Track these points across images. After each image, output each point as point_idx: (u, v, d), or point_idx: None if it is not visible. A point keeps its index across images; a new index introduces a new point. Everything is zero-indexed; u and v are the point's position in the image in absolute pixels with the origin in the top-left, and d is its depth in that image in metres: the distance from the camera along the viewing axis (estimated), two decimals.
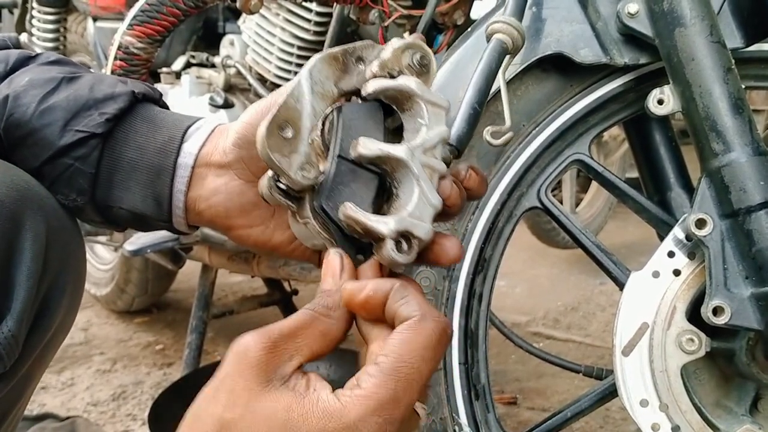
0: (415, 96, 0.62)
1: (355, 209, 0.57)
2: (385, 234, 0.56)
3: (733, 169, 0.72)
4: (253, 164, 0.66)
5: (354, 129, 0.61)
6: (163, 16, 0.93)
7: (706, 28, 0.74)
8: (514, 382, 1.94)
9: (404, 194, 0.60)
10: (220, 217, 0.69)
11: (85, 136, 0.67)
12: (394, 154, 0.59)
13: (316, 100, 0.60)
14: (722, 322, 0.72)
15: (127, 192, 0.68)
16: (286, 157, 0.58)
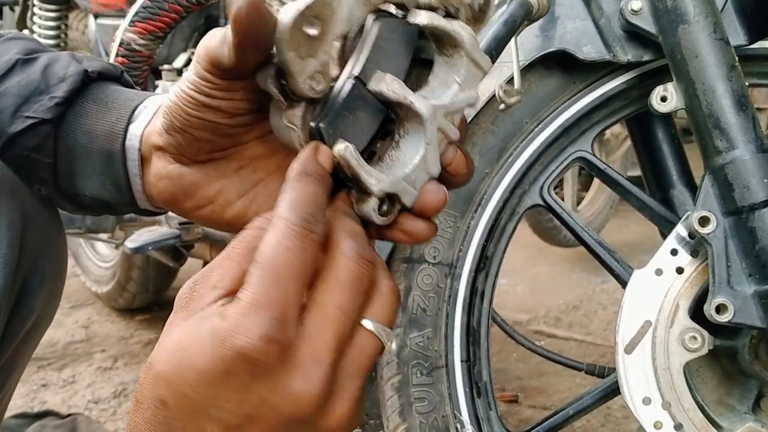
0: (463, 49, 0.55)
1: (352, 152, 0.51)
2: (374, 192, 0.52)
3: (736, 166, 0.72)
4: (187, 149, 0.60)
5: (383, 51, 0.53)
6: (165, 13, 0.93)
7: (709, 25, 0.74)
8: (516, 380, 1.94)
9: (407, 149, 0.54)
10: (169, 201, 0.65)
11: (35, 122, 0.64)
12: (416, 108, 0.52)
13: (356, 4, 0.52)
14: (725, 319, 0.72)
15: (87, 179, 0.65)
16: (301, 58, 0.50)
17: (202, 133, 0.58)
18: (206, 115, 0.57)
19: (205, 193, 0.62)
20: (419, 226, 0.55)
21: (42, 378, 1.97)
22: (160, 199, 0.64)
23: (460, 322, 0.86)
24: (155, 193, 0.64)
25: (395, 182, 0.52)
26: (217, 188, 0.62)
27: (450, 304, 0.86)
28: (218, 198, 0.63)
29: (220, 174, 0.62)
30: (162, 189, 0.63)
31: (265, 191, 0.63)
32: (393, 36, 0.54)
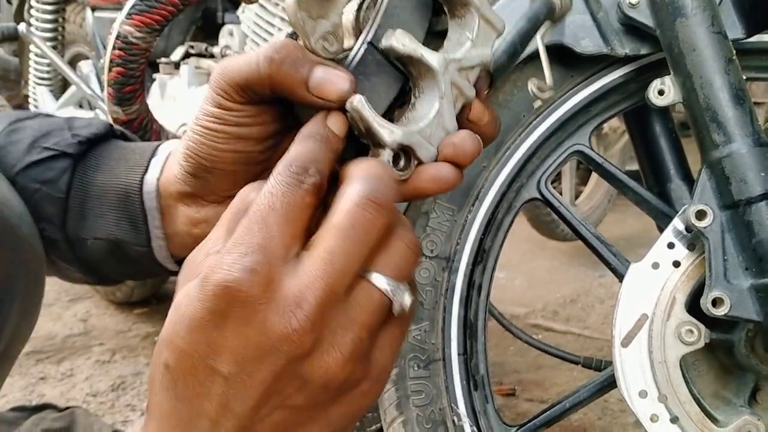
0: (472, 5, 0.55)
1: (364, 104, 0.50)
2: (387, 142, 0.51)
3: (733, 160, 0.72)
4: (219, 186, 0.59)
5: (395, 18, 0.54)
6: (162, 6, 0.92)
7: (707, 18, 0.74)
8: (513, 373, 1.94)
9: (422, 107, 0.54)
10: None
11: (55, 154, 0.62)
12: (427, 60, 0.52)
13: None
14: (722, 313, 0.72)
15: (99, 219, 0.63)
16: (313, 19, 0.50)
17: (233, 166, 0.56)
18: (237, 146, 0.55)
19: None
20: (444, 171, 0.53)
21: (40, 371, 1.97)
22: (195, 244, 0.60)
23: (457, 315, 0.86)
24: (190, 241, 0.61)
25: (409, 134, 0.52)
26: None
27: (447, 298, 0.86)
28: None
29: None
30: (199, 234, 0.60)
31: None
32: (405, 3, 0.54)
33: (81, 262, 0.66)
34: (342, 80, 0.50)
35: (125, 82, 0.95)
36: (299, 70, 0.50)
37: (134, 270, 0.67)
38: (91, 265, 0.66)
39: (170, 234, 0.63)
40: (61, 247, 0.65)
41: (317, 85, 0.50)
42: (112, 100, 0.97)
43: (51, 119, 0.65)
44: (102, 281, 0.69)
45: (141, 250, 0.63)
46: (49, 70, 2.19)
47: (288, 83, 0.51)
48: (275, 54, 0.50)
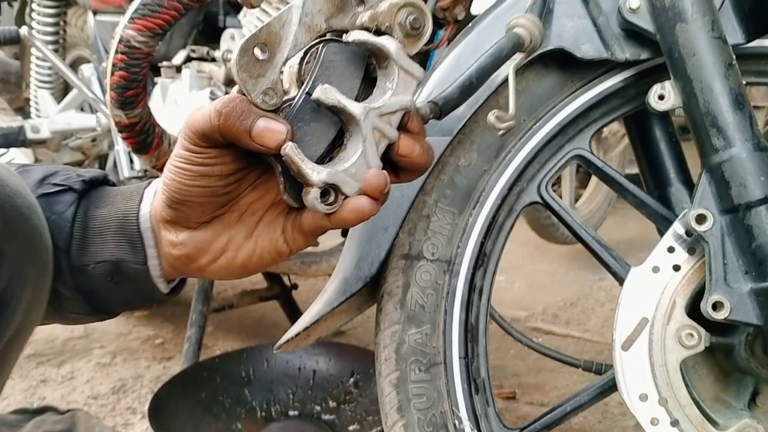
0: (391, 59, 0.63)
1: (294, 150, 0.60)
2: (314, 182, 0.61)
3: (733, 164, 0.73)
4: (192, 215, 0.68)
5: (332, 71, 0.63)
6: (164, 10, 0.93)
7: (707, 23, 0.74)
8: (513, 377, 1.94)
9: (350, 148, 0.63)
10: (186, 263, 0.71)
11: (63, 189, 0.70)
12: (349, 109, 0.61)
13: (301, 32, 0.60)
14: (722, 317, 0.73)
15: (101, 244, 0.70)
16: (253, 78, 0.59)
17: (201, 198, 0.66)
18: (203, 182, 0.65)
19: (218, 245, 0.70)
20: (362, 202, 0.64)
21: (41, 374, 1.97)
22: (177, 265, 0.71)
23: (458, 318, 0.86)
24: (171, 260, 0.70)
25: (333, 173, 0.61)
26: (226, 238, 0.70)
27: (448, 301, 0.86)
28: (229, 245, 0.70)
29: (226, 225, 0.70)
30: (178, 254, 0.70)
31: (266, 225, 0.70)
32: (340, 57, 0.63)
33: (81, 289, 0.71)
34: (279, 130, 0.61)
35: (128, 86, 0.96)
36: (243, 122, 0.60)
37: (130, 292, 0.73)
38: (90, 292, 0.72)
39: (160, 254, 0.71)
40: (64, 274, 0.70)
41: (258, 134, 0.60)
42: (114, 104, 0.97)
43: (52, 165, 0.74)
44: (98, 312, 0.74)
45: (139, 268, 0.70)
46: (50, 73, 2.19)
47: (234, 133, 0.61)
48: (223, 108, 0.60)
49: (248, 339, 2.17)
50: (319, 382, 1.73)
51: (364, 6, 0.63)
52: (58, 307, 0.73)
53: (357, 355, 1.77)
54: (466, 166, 0.87)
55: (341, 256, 0.88)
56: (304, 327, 0.87)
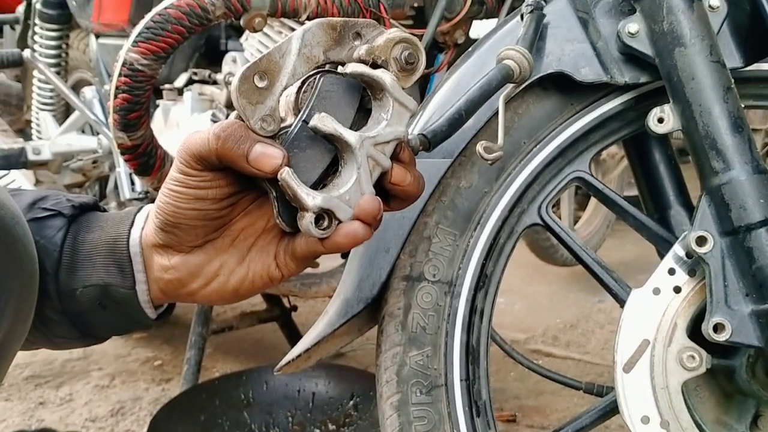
0: (386, 91, 0.65)
1: (291, 175, 0.62)
2: (309, 207, 0.62)
3: (733, 186, 0.73)
4: (185, 239, 0.68)
5: (329, 100, 0.65)
6: (168, 33, 0.94)
7: (705, 47, 0.75)
8: (513, 399, 1.93)
9: (344, 175, 0.65)
10: (177, 287, 0.71)
11: (52, 214, 0.70)
12: (345, 138, 0.63)
13: (299, 62, 0.63)
14: (723, 339, 0.73)
15: (90, 269, 0.70)
16: (252, 105, 0.61)
17: (194, 221, 0.67)
18: (197, 205, 0.66)
19: (210, 269, 0.70)
20: (355, 227, 0.65)
21: (39, 396, 1.96)
22: (168, 290, 0.71)
23: (459, 340, 0.86)
24: (162, 285, 0.71)
25: (328, 199, 0.63)
26: (218, 263, 0.71)
27: (449, 323, 0.86)
28: (222, 270, 0.71)
29: (218, 250, 0.70)
30: (170, 278, 0.70)
31: (259, 250, 0.71)
32: (336, 87, 0.65)
33: (68, 313, 0.71)
34: (275, 155, 0.62)
35: (131, 108, 0.96)
36: (241, 147, 0.62)
37: (118, 317, 0.73)
38: (77, 316, 0.72)
39: (150, 279, 0.71)
40: (52, 298, 0.70)
41: (254, 159, 0.62)
42: (117, 126, 0.98)
43: (43, 190, 0.76)
44: (85, 336, 0.74)
45: (127, 292, 0.71)
46: (52, 95, 2.20)
47: (231, 156, 0.62)
48: (222, 132, 0.62)
49: (247, 361, 2.17)
50: (319, 405, 1.72)
51: (360, 40, 0.66)
52: (45, 331, 0.73)
53: (357, 377, 1.76)
54: (467, 187, 0.87)
55: (342, 278, 0.88)
56: (305, 348, 0.87)
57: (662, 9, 0.77)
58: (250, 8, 0.98)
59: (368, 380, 1.68)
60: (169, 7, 0.94)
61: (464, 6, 1.19)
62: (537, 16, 0.84)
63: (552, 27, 0.84)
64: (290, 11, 1.03)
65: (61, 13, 2.10)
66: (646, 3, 0.78)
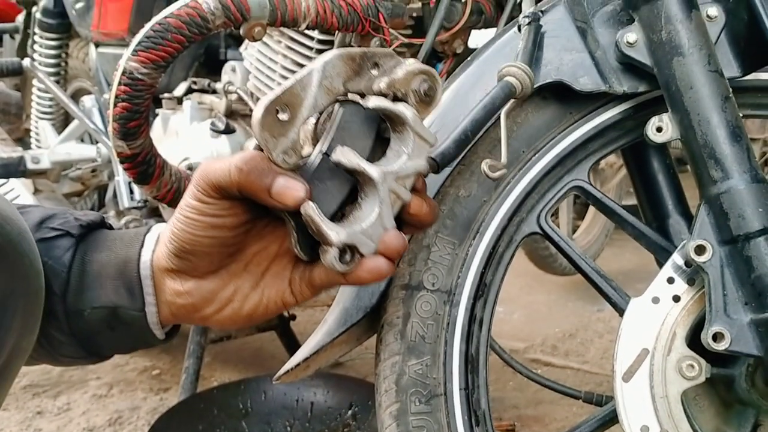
0: (408, 125, 0.65)
1: (315, 210, 0.62)
2: (333, 242, 0.62)
3: (731, 195, 0.73)
4: (199, 266, 0.68)
5: (347, 131, 0.65)
6: (168, 43, 0.94)
7: (703, 57, 0.76)
8: (512, 409, 1.93)
9: (365, 208, 0.65)
10: (190, 312, 0.71)
11: (60, 234, 0.70)
12: (368, 173, 0.64)
13: (320, 94, 0.63)
14: (722, 348, 0.73)
15: (99, 289, 0.70)
16: (275, 138, 0.61)
17: (210, 249, 0.66)
18: (213, 233, 0.65)
19: (224, 295, 0.70)
20: (379, 263, 0.66)
21: (37, 405, 1.95)
22: (180, 314, 0.71)
23: (458, 349, 0.86)
24: (174, 309, 0.70)
25: (352, 234, 0.63)
26: (232, 289, 0.70)
27: (449, 332, 0.86)
28: (236, 296, 0.71)
29: (232, 275, 0.70)
30: (183, 303, 0.70)
31: (273, 275, 0.71)
32: (356, 118, 0.66)
33: (76, 334, 0.71)
34: (298, 189, 0.62)
35: (130, 117, 0.96)
36: (263, 180, 0.62)
37: (126, 337, 0.73)
38: (85, 337, 0.71)
39: (160, 302, 0.70)
40: (59, 319, 0.70)
41: (277, 192, 0.62)
42: (116, 135, 0.97)
43: (50, 207, 0.73)
44: (91, 356, 0.74)
45: (135, 314, 0.70)
46: (51, 104, 2.21)
47: (253, 189, 0.62)
48: (244, 165, 0.62)
49: (246, 370, 2.16)
50: (317, 414, 1.71)
51: (378, 69, 0.66)
52: (50, 350, 0.73)
53: (355, 386, 1.76)
54: (466, 196, 0.87)
55: (341, 287, 0.88)
56: (303, 357, 0.87)
57: (660, 18, 0.77)
58: (249, 17, 0.98)
59: (367, 389, 1.67)
60: (169, 16, 0.94)
61: (463, 15, 1.19)
62: (535, 27, 0.84)
63: (551, 36, 0.85)
64: (290, 21, 1.03)
65: (61, 22, 2.10)
66: (644, 12, 0.79)
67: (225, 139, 1.56)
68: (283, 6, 1.01)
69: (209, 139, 1.58)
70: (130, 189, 1.73)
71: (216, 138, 1.57)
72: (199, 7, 0.95)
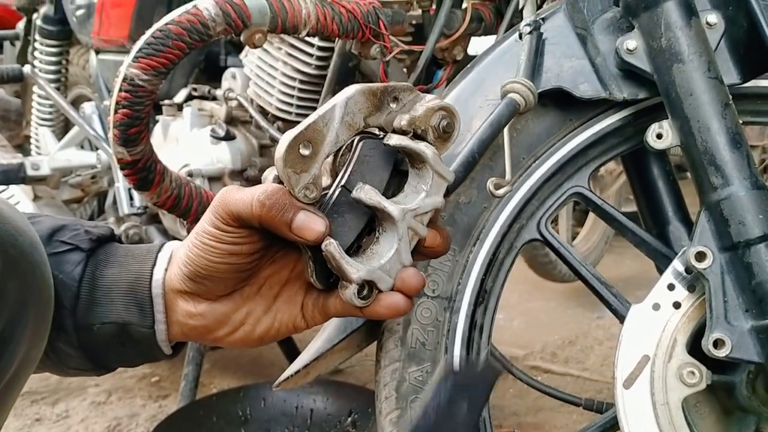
0: (428, 163, 0.66)
1: (336, 249, 0.63)
2: (353, 280, 0.64)
3: (732, 202, 0.73)
4: (214, 290, 0.69)
5: (366, 164, 0.66)
6: (168, 49, 0.94)
7: (703, 64, 0.76)
8: (512, 416, 1.92)
9: (384, 244, 0.66)
10: (202, 333, 0.72)
11: (70, 248, 0.70)
12: (388, 211, 0.64)
13: (342, 129, 0.64)
14: (723, 354, 0.73)
15: (110, 305, 0.70)
16: (297, 174, 0.62)
17: (226, 274, 0.67)
18: (230, 260, 0.66)
19: (237, 318, 0.71)
20: (397, 299, 0.66)
21: (35, 412, 1.95)
22: (192, 334, 0.72)
23: (459, 356, 0.86)
24: (186, 330, 0.71)
25: (371, 271, 0.64)
26: (245, 312, 0.71)
27: (449, 338, 0.86)
28: (248, 319, 0.71)
29: (245, 299, 0.71)
30: (195, 324, 0.71)
31: (285, 300, 0.72)
32: (374, 152, 0.67)
33: (84, 347, 0.71)
34: (318, 225, 0.63)
35: (131, 123, 0.96)
36: (285, 215, 0.62)
37: (134, 353, 0.73)
38: (93, 350, 0.72)
39: (170, 321, 0.71)
40: (68, 333, 0.70)
41: (298, 228, 0.63)
42: (117, 141, 0.98)
43: (59, 218, 0.73)
44: (97, 368, 0.74)
45: (145, 331, 0.70)
46: (51, 111, 2.21)
47: (274, 224, 0.63)
48: (267, 200, 0.63)
49: (245, 377, 2.16)
50: (317, 422, 1.71)
51: (397, 103, 0.67)
52: (57, 362, 0.73)
53: (355, 393, 1.75)
54: (467, 203, 0.87)
55: None
56: (303, 364, 0.87)
57: (660, 25, 0.77)
58: (250, 24, 0.99)
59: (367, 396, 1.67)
60: (170, 23, 0.95)
61: (463, 23, 1.20)
62: (536, 37, 0.84)
63: (551, 43, 0.85)
64: (290, 27, 1.03)
65: (62, 29, 2.11)
66: (644, 19, 0.79)
67: (225, 146, 1.57)
68: (284, 13, 1.02)
69: (209, 145, 1.58)
70: (130, 195, 1.73)
71: (216, 144, 1.57)
72: (200, 14, 0.95)
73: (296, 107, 1.46)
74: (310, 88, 1.42)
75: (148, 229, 1.75)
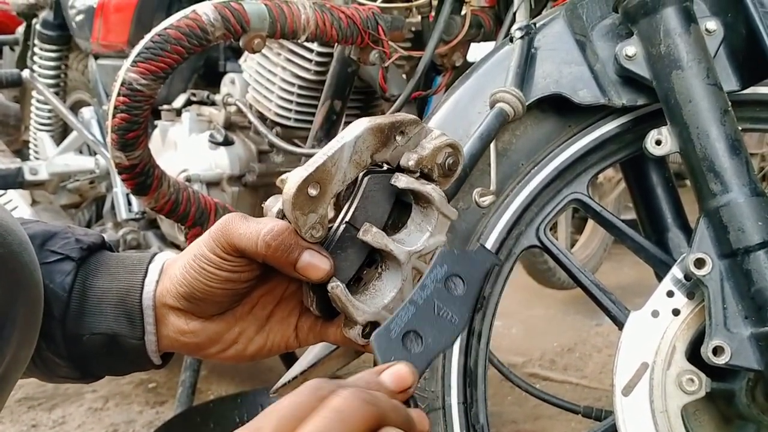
0: (434, 204, 0.67)
1: (343, 291, 0.63)
2: (359, 322, 0.64)
3: (731, 209, 0.73)
4: (208, 311, 0.69)
5: (370, 199, 0.66)
6: (167, 54, 0.94)
7: (702, 70, 0.76)
8: (511, 423, 1.92)
9: (387, 282, 0.67)
10: (195, 349, 0.72)
11: (61, 257, 0.69)
12: (394, 254, 0.65)
13: (350, 168, 0.64)
14: (722, 362, 0.72)
15: (99, 316, 0.70)
16: (305, 215, 0.62)
17: (221, 298, 0.68)
18: (227, 285, 0.66)
19: (229, 337, 0.71)
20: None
21: (32, 419, 1.94)
22: (183, 350, 0.72)
23: (457, 363, 0.85)
24: (178, 345, 0.71)
25: (376, 313, 0.65)
26: (237, 331, 0.71)
27: None
28: (240, 338, 0.71)
29: (237, 318, 0.71)
30: (187, 341, 0.70)
31: (278, 320, 0.72)
32: (379, 187, 0.67)
33: (73, 357, 0.71)
34: (323, 266, 0.63)
35: (129, 128, 0.96)
36: (290, 255, 0.63)
37: (123, 362, 0.73)
38: (81, 360, 0.71)
39: (160, 335, 0.71)
40: (57, 342, 0.70)
41: (303, 267, 0.63)
42: (115, 146, 0.97)
43: (52, 225, 0.73)
44: (85, 377, 0.74)
45: (135, 343, 0.70)
46: (50, 115, 2.21)
47: (279, 263, 0.64)
48: (272, 241, 0.62)
49: (242, 383, 2.15)
50: None
51: (403, 137, 0.67)
52: (45, 370, 0.73)
53: None
54: (465, 209, 0.87)
55: None
56: (301, 371, 0.87)
57: (659, 32, 0.77)
58: (249, 29, 0.99)
59: None
60: (169, 27, 0.95)
61: (462, 29, 1.20)
62: (527, 42, 0.84)
63: (550, 49, 0.85)
64: (289, 33, 1.03)
65: (61, 34, 2.11)
66: (643, 26, 0.79)
67: (224, 151, 1.56)
68: (283, 18, 1.01)
69: (208, 150, 1.58)
70: (128, 200, 1.72)
71: (214, 150, 1.57)
72: (199, 19, 0.95)
73: (295, 112, 1.46)
74: (309, 94, 1.42)
75: (146, 234, 1.74)
